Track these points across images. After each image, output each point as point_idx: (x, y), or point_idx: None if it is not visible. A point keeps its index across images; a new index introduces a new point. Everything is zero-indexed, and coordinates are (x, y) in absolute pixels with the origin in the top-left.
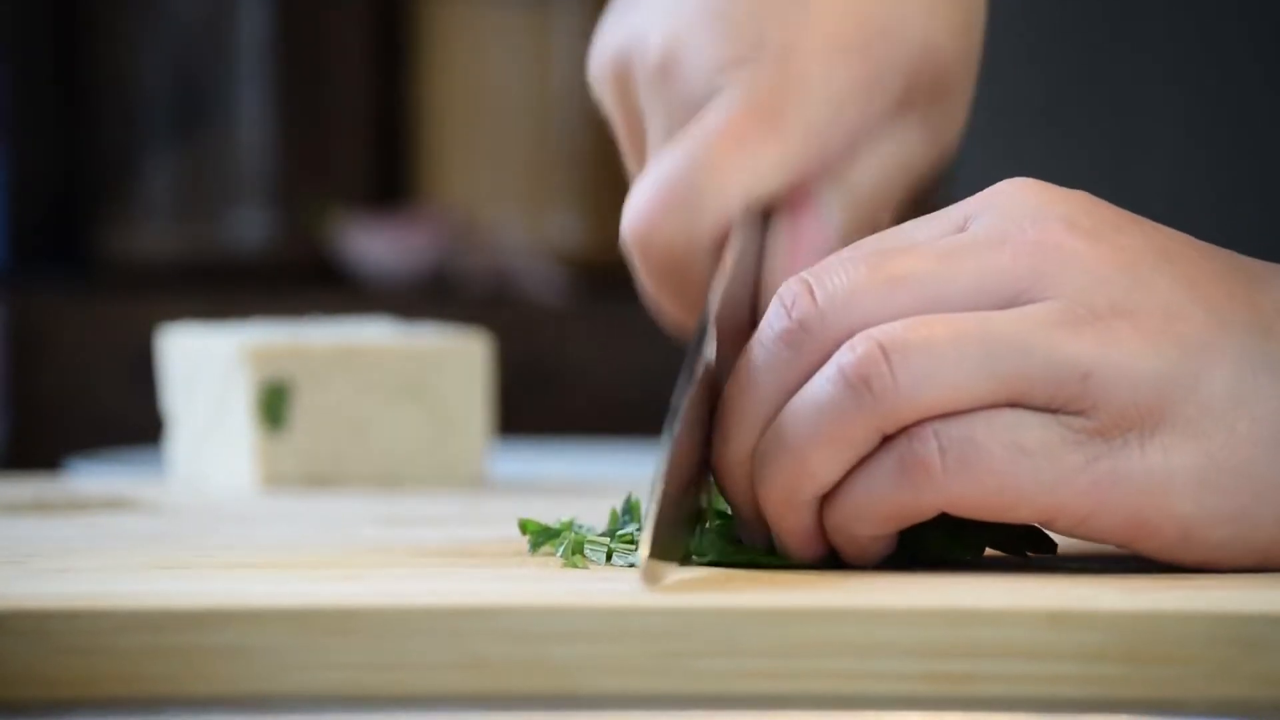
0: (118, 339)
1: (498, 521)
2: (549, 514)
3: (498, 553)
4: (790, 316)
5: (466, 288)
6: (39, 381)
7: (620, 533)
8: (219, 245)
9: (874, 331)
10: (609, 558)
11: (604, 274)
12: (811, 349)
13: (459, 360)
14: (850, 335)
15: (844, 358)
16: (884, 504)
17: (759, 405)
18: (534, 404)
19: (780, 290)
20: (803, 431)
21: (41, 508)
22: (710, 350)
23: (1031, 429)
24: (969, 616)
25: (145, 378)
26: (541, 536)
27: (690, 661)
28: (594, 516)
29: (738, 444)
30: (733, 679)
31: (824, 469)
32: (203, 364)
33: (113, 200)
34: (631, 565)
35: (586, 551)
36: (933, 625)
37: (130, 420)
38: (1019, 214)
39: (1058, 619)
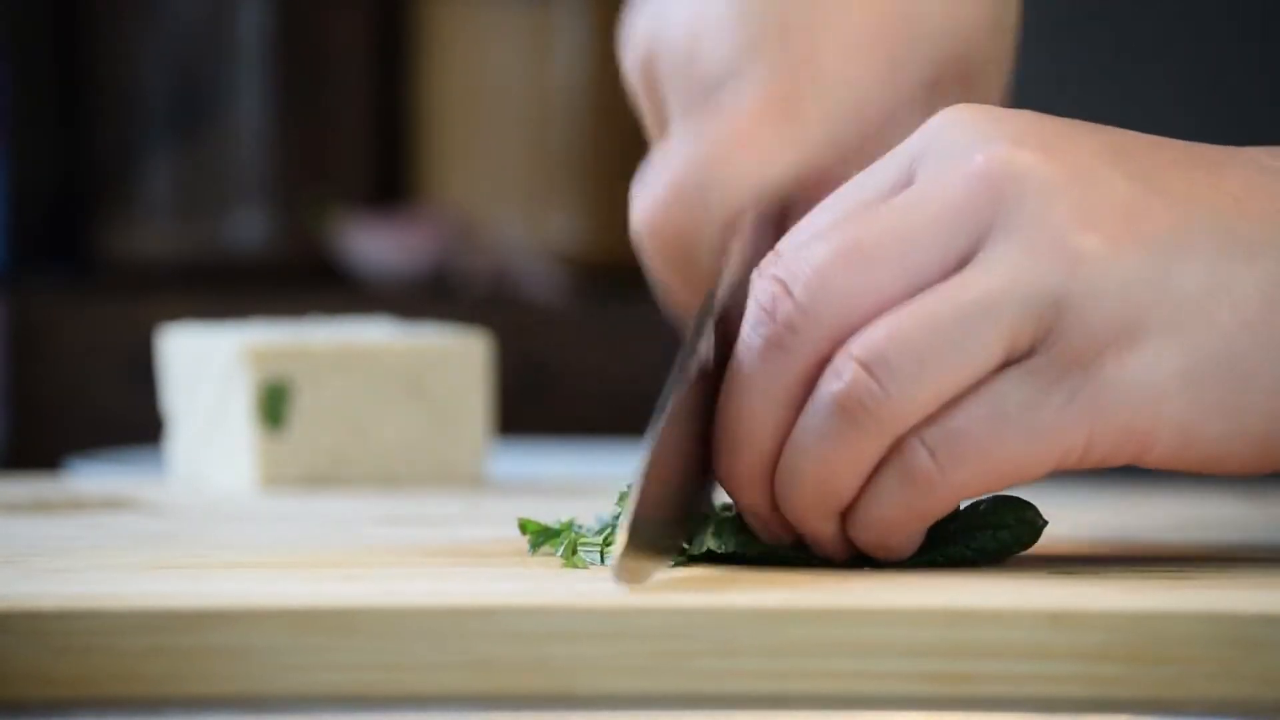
0: (118, 339)
1: (498, 521)
2: (549, 514)
3: (498, 553)
4: (774, 319)
5: (466, 288)
6: (39, 381)
7: (604, 532)
8: (219, 245)
9: (854, 349)
10: (603, 559)
11: (604, 274)
12: (801, 349)
13: (459, 360)
14: (833, 327)
15: (833, 385)
16: (901, 514)
17: (763, 416)
18: (534, 404)
19: (756, 291)
20: (816, 458)
21: (41, 508)
22: (707, 348)
23: (1007, 392)
24: (969, 616)
25: (145, 378)
26: (541, 536)
27: (689, 661)
28: (594, 516)
29: (746, 458)
30: (732, 679)
31: (846, 485)
32: (203, 364)
33: (113, 200)
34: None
35: (581, 552)
36: (933, 625)
37: (130, 420)
38: (963, 143)
39: (1058, 619)
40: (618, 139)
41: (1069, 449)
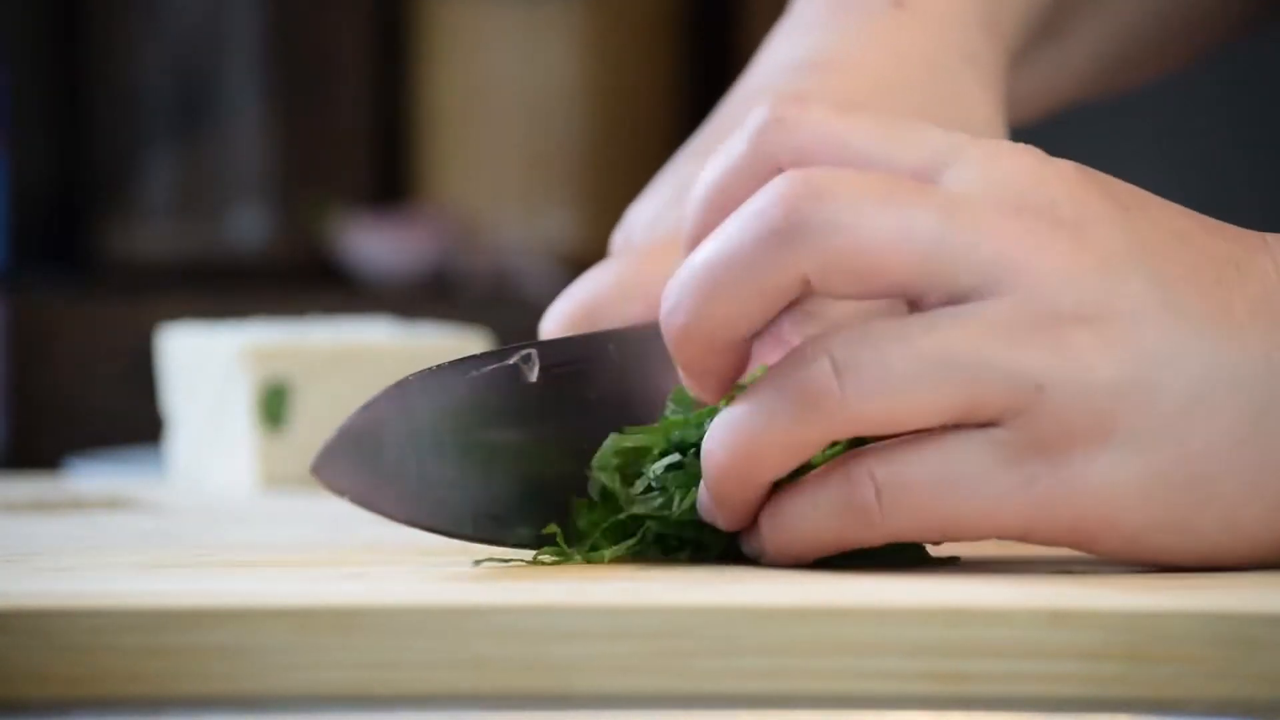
0: (118, 339)
1: None
2: None
3: (497, 553)
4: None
5: (466, 288)
6: (39, 381)
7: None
8: (219, 245)
9: (830, 342)
10: (606, 559)
11: None
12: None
13: None
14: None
15: (797, 368)
16: (827, 536)
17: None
18: None
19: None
20: (758, 425)
21: (41, 507)
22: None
23: (967, 456)
24: (969, 616)
25: (145, 378)
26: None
27: (689, 661)
28: None
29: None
30: (732, 678)
31: (775, 465)
32: (203, 364)
33: (113, 200)
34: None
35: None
36: (933, 625)
37: (130, 420)
38: (1006, 193)
39: (1058, 618)
40: (617, 139)
41: (1006, 528)
